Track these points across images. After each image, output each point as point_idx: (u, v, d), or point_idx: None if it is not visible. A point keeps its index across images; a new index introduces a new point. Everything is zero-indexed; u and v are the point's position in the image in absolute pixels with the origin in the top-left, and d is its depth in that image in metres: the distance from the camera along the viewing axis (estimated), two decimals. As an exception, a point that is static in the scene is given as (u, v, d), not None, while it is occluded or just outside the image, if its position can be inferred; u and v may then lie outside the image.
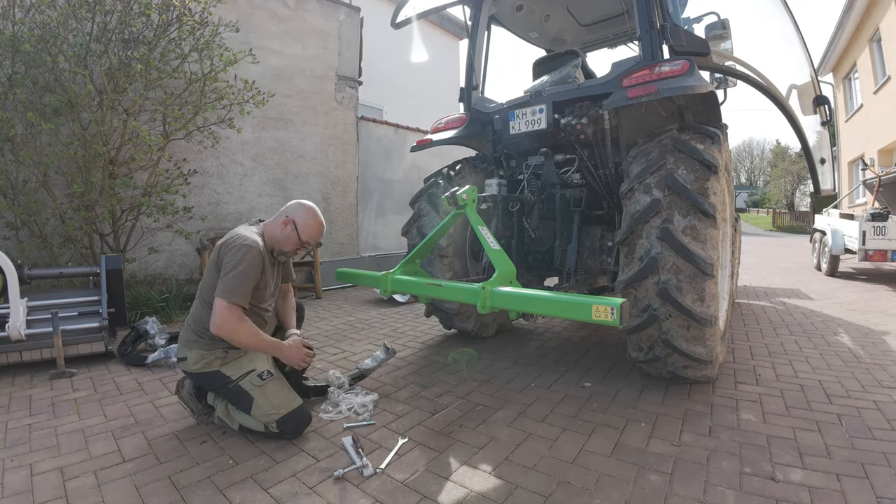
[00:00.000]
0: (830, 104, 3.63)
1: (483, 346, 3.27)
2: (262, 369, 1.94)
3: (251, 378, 1.90)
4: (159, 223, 4.43)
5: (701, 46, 2.55)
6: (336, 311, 4.70)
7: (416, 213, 3.25)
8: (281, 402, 1.90)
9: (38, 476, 1.69)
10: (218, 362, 1.92)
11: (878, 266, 7.75)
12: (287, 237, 2.05)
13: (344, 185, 6.51)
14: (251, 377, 1.90)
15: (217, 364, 1.92)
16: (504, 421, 2.10)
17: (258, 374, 1.91)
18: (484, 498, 1.53)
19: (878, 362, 2.80)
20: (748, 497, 1.50)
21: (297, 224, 2.05)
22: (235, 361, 1.94)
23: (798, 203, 36.21)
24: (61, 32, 3.63)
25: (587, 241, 3.07)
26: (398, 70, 10.36)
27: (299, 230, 2.06)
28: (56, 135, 3.72)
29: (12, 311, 2.73)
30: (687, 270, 2.06)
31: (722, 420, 2.05)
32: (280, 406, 1.89)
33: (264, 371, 1.93)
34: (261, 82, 4.90)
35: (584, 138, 2.77)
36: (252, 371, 1.92)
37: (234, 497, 1.54)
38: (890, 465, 1.66)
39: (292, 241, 2.06)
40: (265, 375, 1.92)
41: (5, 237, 3.82)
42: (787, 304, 4.71)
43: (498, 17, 3.70)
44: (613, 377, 2.64)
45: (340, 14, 6.44)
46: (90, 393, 2.51)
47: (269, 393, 1.89)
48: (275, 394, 1.91)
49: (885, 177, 6.63)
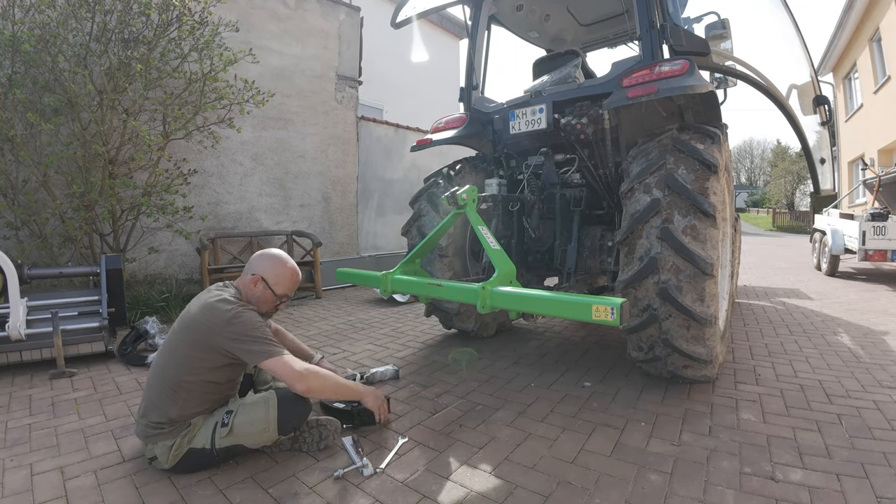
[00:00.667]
0: (830, 104, 3.63)
1: (483, 346, 3.27)
2: (218, 417, 1.70)
3: (219, 433, 1.66)
4: (159, 223, 4.43)
5: (701, 46, 2.55)
6: (336, 310, 4.69)
7: (416, 213, 3.25)
8: (257, 416, 1.69)
9: (39, 476, 1.69)
10: (186, 441, 1.65)
11: (878, 266, 7.75)
12: (260, 297, 1.82)
13: (344, 184, 6.51)
14: (219, 432, 1.66)
15: (186, 444, 1.65)
16: (504, 421, 2.10)
17: (220, 423, 1.67)
18: (484, 498, 1.53)
19: (878, 362, 2.80)
20: (748, 497, 1.50)
21: (268, 280, 1.82)
22: (200, 429, 1.68)
23: (798, 203, 36.18)
24: (61, 32, 3.63)
25: (587, 240, 3.08)
26: (398, 70, 10.35)
27: (272, 286, 1.83)
28: (56, 135, 3.72)
29: (12, 310, 2.73)
30: (687, 270, 2.06)
31: (722, 420, 2.05)
32: (261, 420, 1.69)
33: (222, 416, 1.70)
34: (261, 82, 4.90)
35: (584, 138, 2.77)
36: (216, 425, 1.67)
37: (234, 497, 1.54)
38: (890, 465, 1.66)
39: (267, 299, 1.84)
40: (226, 419, 1.68)
41: (5, 237, 3.82)
42: (787, 304, 4.71)
43: (498, 17, 3.70)
44: (613, 377, 2.64)
45: (340, 14, 6.44)
46: (90, 393, 2.51)
47: (243, 423, 1.68)
48: (247, 418, 1.69)
49: (885, 177, 6.63)
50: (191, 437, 1.65)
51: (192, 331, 1.67)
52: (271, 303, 1.86)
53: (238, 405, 1.73)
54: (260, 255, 1.89)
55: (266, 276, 1.82)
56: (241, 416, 1.68)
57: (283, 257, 1.89)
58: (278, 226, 5.81)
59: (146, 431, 1.65)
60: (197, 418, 1.68)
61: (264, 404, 1.71)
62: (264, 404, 1.71)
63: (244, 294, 1.82)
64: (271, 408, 1.70)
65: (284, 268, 1.87)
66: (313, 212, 6.17)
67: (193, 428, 1.66)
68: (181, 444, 1.64)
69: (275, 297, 1.85)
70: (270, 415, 1.69)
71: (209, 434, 1.66)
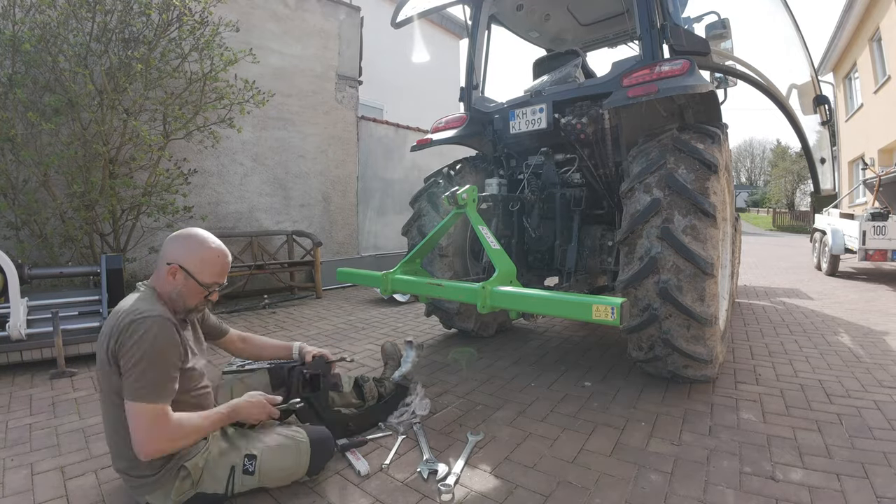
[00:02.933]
0: (830, 104, 3.62)
1: (483, 346, 3.27)
2: (239, 459, 1.45)
3: (241, 479, 1.44)
4: (160, 223, 4.43)
5: (701, 46, 2.54)
6: (336, 310, 4.70)
7: (416, 213, 3.26)
8: (287, 463, 1.49)
9: (39, 475, 1.69)
10: (189, 483, 1.39)
11: (879, 266, 7.74)
12: (182, 290, 1.45)
13: (344, 184, 6.52)
14: (239, 479, 1.43)
15: (190, 486, 1.39)
16: (504, 420, 2.10)
17: (242, 469, 1.43)
18: (484, 497, 1.53)
19: (879, 362, 2.80)
20: (748, 496, 1.50)
21: (188, 268, 1.44)
22: (206, 471, 1.42)
23: (798, 203, 36.14)
24: (61, 32, 3.63)
25: (587, 240, 3.08)
26: (398, 70, 10.35)
27: (194, 275, 1.45)
28: (56, 134, 3.72)
29: (13, 310, 2.74)
30: (687, 270, 2.06)
31: (722, 419, 2.05)
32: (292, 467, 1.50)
33: (243, 460, 1.44)
34: (261, 82, 4.90)
35: (584, 138, 2.77)
36: (232, 470, 1.43)
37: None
38: (890, 464, 1.66)
39: (192, 291, 1.46)
40: (250, 467, 1.44)
41: (6, 237, 3.82)
42: (788, 304, 4.71)
43: (498, 17, 3.70)
44: (613, 377, 2.64)
45: (340, 14, 6.44)
46: (90, 392, 2.51)
47: (271, 470, 1.47)
48: (276, 465, 1.48)
49: (886, 176, 6.63)
50: (194, 480, 1.39)
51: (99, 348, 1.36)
52: (198, 295, 1.48)
53: (262, 449, 1.47)
54: (173, 239, 1.49)
55: (184, 263, 1.44)
56: (268, 463, 1.46)
57: (203, 236, 1.50)
58: (278, 225, 5.81)
59: (129, 482, 1.41)
60: (192, 462, 1.39)
61: (296, 451, 1.50)
62: (296, 451, 1.50)
63: (162, 292, 1.45)
64: (303, 454, 1.51)
65: (207, 249, 1.48)
66: (313, 211, 6.17)
67: (194, 472, 1.39)
68: (183, 488, 1.38)
69: (201, 288, 1.47)
70: (302, 461, 1.51)
71: (224, 478, 1.42)
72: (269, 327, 4.00)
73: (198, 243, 1.48)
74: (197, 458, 1.41)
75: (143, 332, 1.29)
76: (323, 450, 1.58)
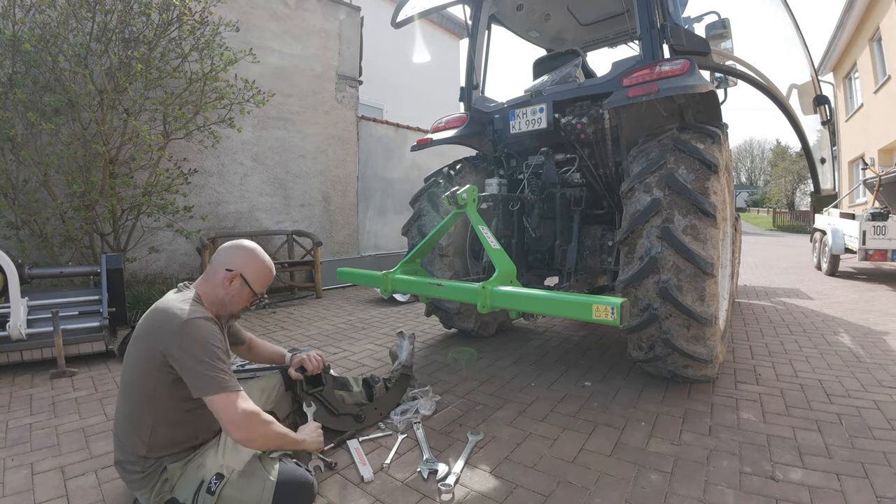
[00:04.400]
0: (830, 103, 3.62)
1: (483, 346, 3.27)
2: (209, 475, 1.39)
3: (203, 497, 1.36)
4: (160, 222, 4.44)
5: (701, 46, 2.54)
6: (336, 310, 4.70)
7: (416, 213, 3.26)
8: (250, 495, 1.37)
9: (39, 475, 1.70)
10: (168, 486, 1.40)
11: (879, 266, 7.75)
12: (235, 296, 1.56)
13: (344, 184, 6.52)
14: (203, 496, 1.37)
15: (168, 491, 1.40)
16: (504, 420, 2.10)
17: (206, 488, 1.37)
18: (484, 497, 1.53)
19: (879, 362, 2.80)
20: (748, 496, 1.50)
21: (247, 276, 1.56)
22: (182, 479, 1.42)
23: (798, 202, 36.14)
24: (61, 32, 3.63)
25: (587, 240, 3.08)
26: (398, 69, 10.35)
27: (251, 283, 1.57)
28: (56, 134, 3.72)
29: (13, 310, 2.74)
30: (687, 270, 2.06)
31: (722, 419, 2.05)
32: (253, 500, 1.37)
33: (210, 479, 1.38)
34: (261, 82, 4.90)
35: (584, 138, 2.77)
36: (200, 485, 1.39)
37: None
38: (890, 464, 1.66)
39: (244, 298, 1.59)
40: (213, 487, 1.37)
41: (6, 236, 3.82)
42: (788, 304, 4.71)
43: (498, 17, 3.70)
44: (613, 376, 2.64)
45: (341, 13, 6.44)
46: (91, 392, 2.52)
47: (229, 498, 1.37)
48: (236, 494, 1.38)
49: (886, 176, 6.63)
50: (171, 485, 1.41)
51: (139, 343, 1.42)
52: (246, 302, 1.61)
53: (232, 473, 1.41)
54: (233, 248, 1.60)
55: (245, 271, 1.56)
56: (230, 489, 1.38)
57: (259, 250, 1.65)
58: (279, 225, 5.81)
59: (123, 476, 1.46)
60: (173, 466, 1.41)
61: (260, 485, 1.39)
62: (260, 485, 1.39)
63: (208, 297, 1.53)
64: (266, 491, 1.38)
65: (263, 262, 1.62)
66: (313, 211, 6.17)
67: (172, 476, 1.41)
68: (163, 490, 1.40)
69: (253, 296, 1.61)
70: (264, 497, 1.37)
71: (192, 493, 1.39)
72: (269, 327, 4.00)
73: (257, 255, 1.62)
74: (179, 463, 1.43)
75: (201, 331, 1.38)
76: (290, 495, 1.42)
